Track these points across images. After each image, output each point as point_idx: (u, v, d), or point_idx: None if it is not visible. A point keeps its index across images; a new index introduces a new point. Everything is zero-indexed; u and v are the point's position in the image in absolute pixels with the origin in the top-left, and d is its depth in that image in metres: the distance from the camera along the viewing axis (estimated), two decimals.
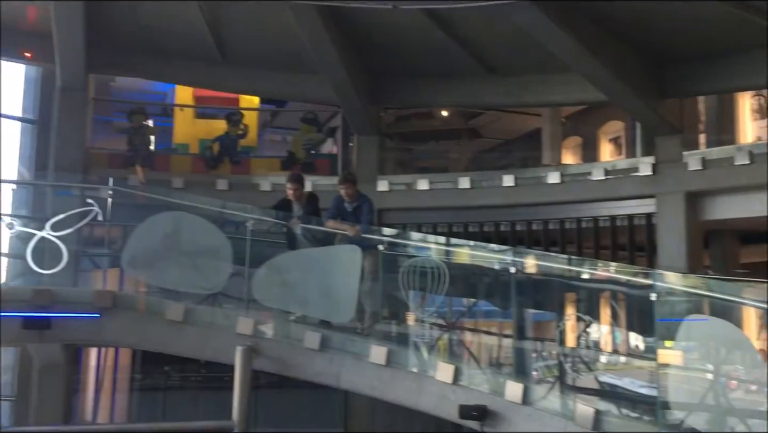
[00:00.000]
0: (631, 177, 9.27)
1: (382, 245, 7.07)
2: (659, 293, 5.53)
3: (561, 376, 6.22)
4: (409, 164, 12.67)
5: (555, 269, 6.77)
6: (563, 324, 6.38)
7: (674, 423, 5.24)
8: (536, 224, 10.11)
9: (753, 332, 10.13)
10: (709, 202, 8.90)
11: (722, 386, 5.14)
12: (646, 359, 6.04)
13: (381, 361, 6.70)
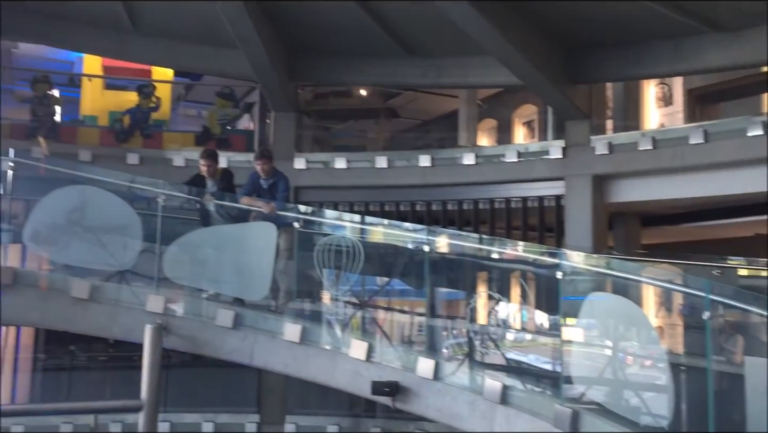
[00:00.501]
0: (542, 160, 9.55)
1: (297, 222, 7.05)
2: (565, 272, 5.75)
3: (471, 352, 6.40)
4: (326, 142, 12.65)
5: (467, 249, 6.92)
6: (474, 302, 6.55)
7: (575, 397, 5.49)
8: (451, 204, 10.28)
9: (652, 309, 10.69)
10: (614, 185, 9.27)
11: (620, 361, 5.41)
12: (551, 336, 6.28)
13: (295, 339, 6.71)
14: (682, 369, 5.43)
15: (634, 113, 10.65)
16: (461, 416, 6.09)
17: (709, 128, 8.35)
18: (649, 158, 8.77)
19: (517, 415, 5.75)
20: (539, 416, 5.60)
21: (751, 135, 7.89)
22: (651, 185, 9.07)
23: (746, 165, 8.13)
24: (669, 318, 10.89)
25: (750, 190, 8.33)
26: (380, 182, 10.26)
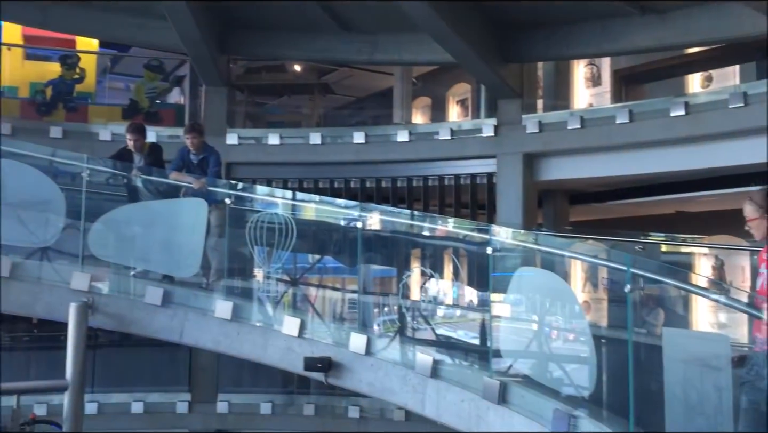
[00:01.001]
0: (474, 138, 9.65)
1: (229, 198, 6.95)
2: (494, 248, 5.85)
3: (402, 328, 6.47)
4: (259, 118, 12.46)
5: (400, 226, 6.97)
6: (406, 279, 6.61)
7: (503, 370, 5.62)
8: (385, 181, 10.31)
9: (579, 284, 11.01)
10: (544, 163, 9.45)
11: (546, 335, 5.56)
12: (481, 312, 6.39)
13: (226, 316, 6.65)
14: (606, 342, 5.62)
15: (564, 93, 10.86)
16: (393, 390, 6.17)
17: (634, 108, 8.58)
18: (577, 137, 8.97)
19: (448, 388, 5.87)
20: (469, 389, 5.73)
21: (673, 115, 8.14)
22: (579, 163, 9.29)
23: (669, 144, 8.41)
24: (595, 293, 11.25)
25: (672, 169, 8.63)
26: (314, 159, 10.19)
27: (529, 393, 5.38)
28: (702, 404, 3.94)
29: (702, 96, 8.45)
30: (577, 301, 5.77)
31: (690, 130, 8.06)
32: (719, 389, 3.85)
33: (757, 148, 7.64)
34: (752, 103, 7.50)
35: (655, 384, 4.41)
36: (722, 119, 7.76)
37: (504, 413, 5.45)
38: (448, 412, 5.83)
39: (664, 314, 6.60)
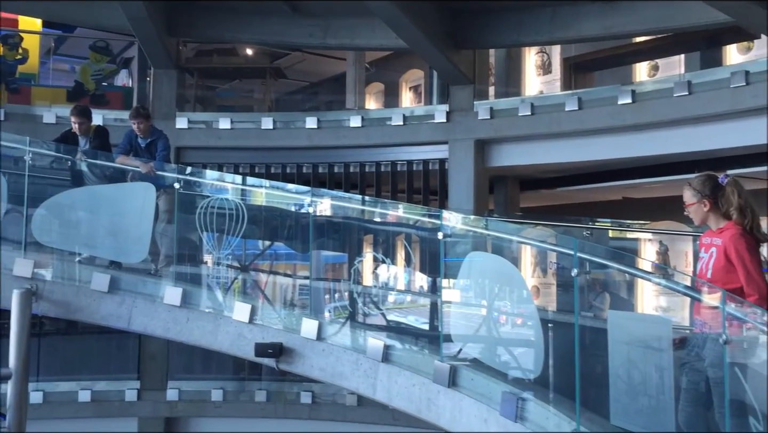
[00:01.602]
0: (427, 124, 9.68)
1: (178, 183, 6.84)
2: (445, 234, 5.89)
3: (353, 314, 6.48)
4: (210, 102, 12.27)
5: (352, 211, 6.96)
6: (358, 264, 6.61)
7: (453, 354, 5.68)
8: (338, 167, 10.28)
9: (529, 270, 11.18)
10: (495, 149, 9.54)
11: (495, 319, 5.64)
12: (432, 297, 6.45)
13: (175, 302, 6.56)
14: (554, 325, 5.72)
15: (516, 80, 10.96)
16: (344, 374, 6.17)
17: (583, 96, 8.72)
18: (528, 124, 9.07)
19: (399, 372, 5.90)
20: (420, 373, 5.77)
21: (621, 103, 8.30)
22: (530, 150, 9.40)
23: (616, 132, 8.57)
24: (544, 278, 11.45)
25: (619, 156, 8.80)
26: (266, 144, 10.10)
27: (479, 376, 5.45)
28: (645, 384, 4.05)
29: (648, 84, 8.62)
30: (525, 285, 5.86)
31: (636, 118, 8.23)
32: (661, 369, 3.97)
33: (701, 135, 7.87)
34: (696, 92, 7.69)
35: (600, 366, 4.52)
36: (667, 107, 7.94)
37: (454, 396, 5.52)
38: (399, 396, 5.87)
39: (610, 298, 6.76)
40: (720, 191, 3.88)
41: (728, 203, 3.83)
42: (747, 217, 3.82)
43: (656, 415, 3.94)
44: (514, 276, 5.65)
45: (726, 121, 7.58)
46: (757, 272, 3.64)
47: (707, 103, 7.59)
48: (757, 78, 7.16)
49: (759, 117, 7.29)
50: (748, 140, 7.50)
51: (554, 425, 4.78)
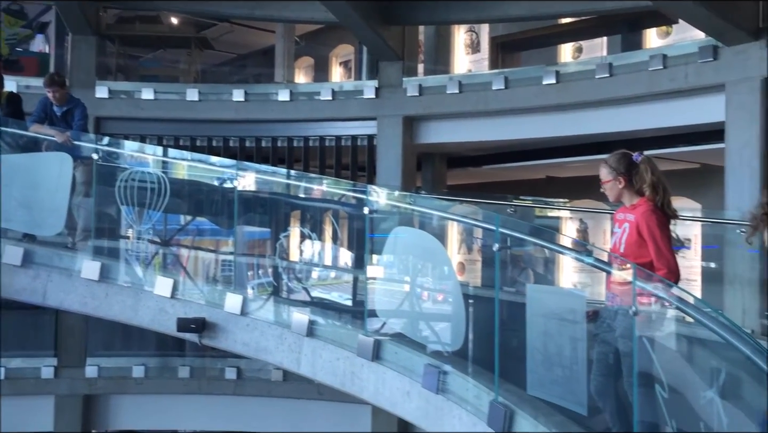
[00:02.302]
0: (356, 99, 9.64)
1: (96, 154, 6.62)
2: (371, 209, 5.91)
3: (277, 289, 6.45)
4: (132, 71, 11.87)
5: (278, 186, 6.89)
6: (282, 240, 6.57)
7: (378, 328, 5.73)
8: (265, 141, 10.14)
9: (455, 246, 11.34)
10: (423, 126, 9.59)
11: (418, 295, 5.71)
12: (357, 273, 6.47)
13: (94, 276, 6.38)
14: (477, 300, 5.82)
15: (445, 58, 11.02)
16: (269, 349, 6.15)
17: (509, 75, 8.84)
18: (456, 101, 9.14)
19: (323, 346, 5.92)
20: (344, 347, 5.80)
21: (546, 83, 8.45)
22: (457, 128, 9.49)
23: (541, 111, 8.73)
24: (469, 254, 11.65)
25: (544, 135, 8.98)
26: (191, 116, 9.86)
27: (402, 350, 5.51)
28: (559, 355, 4.18)
29: (572, 66, 8.81)
30: (449, 261, 5.95)
31: (560, 98, 8.40)
32: (575, 341, 4.10)
33: (621, 116, 8.09)
34: (617, 74, 7.90)
35: (519, 339, 4.64)
36: (590, 89, 8.13)
37: (378, 369, 5.57)
38: (324, 370, 5.90)
39: (532, 274, 6.93)
40: (634, 169, 4.01)
41: (642, 180, 3.96)
42: (659, 194, 3.97)
43: (569, 384, 4.08)
44: (438, 251, 5.71)
45: (644, 103, 7.82)
46: (667, 247, 3.80)
47: (627, 85, 7.81)
48: (674, 62, 7.40)
49: (675, 100, 7.56)
50: (665, 122, 7.77)
51: (474, 396, 4.90)
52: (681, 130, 7.98)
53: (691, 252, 9.43)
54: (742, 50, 6.79)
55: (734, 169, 6.90)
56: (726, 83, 6.95)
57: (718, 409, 3.09)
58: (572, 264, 8.55)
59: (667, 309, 3.69)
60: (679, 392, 3.50)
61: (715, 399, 3.11)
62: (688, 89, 7.33)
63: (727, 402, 3.12)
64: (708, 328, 3.28)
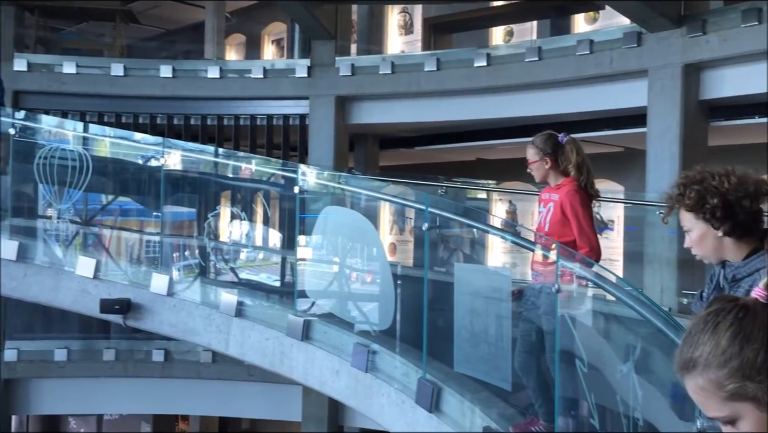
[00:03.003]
0: (288, 78, 9.51)
1: (13, 129, 6.34)
2: (301, 188, 5.86)
3: (205, 269, 6.34)
4: (53, 44, 11.40)
5: (205, 164, 6.75)
6: (211, 220, 6.45)
7: (307, 308, 5.71)
8: (194, 119, 9.91)
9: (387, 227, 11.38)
10: (356, 107, 9.55)
11: (348, 274, 5.71)
12: (287, 252, 6.42)
13: (11, 256, 6.13)
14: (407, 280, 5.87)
15: (378, 38, 10.98)
16: (196, 330, 6.05)
17: (441, 57, 8.87)
18: (388, 82, 9.13)
19: (252, 327, 5.86)
20: (273, 327, 5.76)
21: (477, 66, 8.52)
22: (390, 109, 9.49)
23: (472, 93, 8.81)
24: (401, 235, 11.72)
25: (474, 117, 9.08)
26: (116, 92, 9.55)
27: (332, 330, 5.51)
28: (485, 333, 4.26)
29: (502, 49, 8.91)
30: (379, 240, 5.95)
31: (491, 81, 8.49)
32: (500, 318, 4.18)
33: (549, 100, 8.24)
34: (545, 58, 8.03)
35: (447, 317, 4.70)
36: (519, 72, 8.24)
37: (307, 349, 5.56)
38: (253, 350, 5.85)
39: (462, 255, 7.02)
40: (560, 150, 4.09)
41: (567, 160, 4.05)
42: (583, 174, 4.06)
43: (495, 361, 4.16)
44: (368, 231, 5.71)
45: (571, 87, 7.98)
46: (589, 226, 3.90)
47: (555, 70, 7.95)
48: (600, 47, 7.57)
49: (600, 84, 7.75)
50: (590, 106, 7.96)
51: (402, 374, 4.95)
52: (606, 114, 8.19)
53: (614, 233, 9.73)
54: (665, 37, 7.00)
55: (655, 153, 7.13)
56: (649, 69, 7.16)
57: (634, 382, 3.21)
58: (502, 245, 8.72)
59: (588, 287, 3.80)
60: (598, 368, 3.62)
61: (631, 373, 3.23)
62: (613, 74, 7.52)
63: (642, 376, 3.24)
64: (627, 304, 3.39)
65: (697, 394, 1.32)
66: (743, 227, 2.37)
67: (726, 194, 2.33)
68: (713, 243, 2.43)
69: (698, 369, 1.30)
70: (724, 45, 6.68)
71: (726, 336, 1.28)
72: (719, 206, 2.35)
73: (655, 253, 6.97)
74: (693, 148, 7.00)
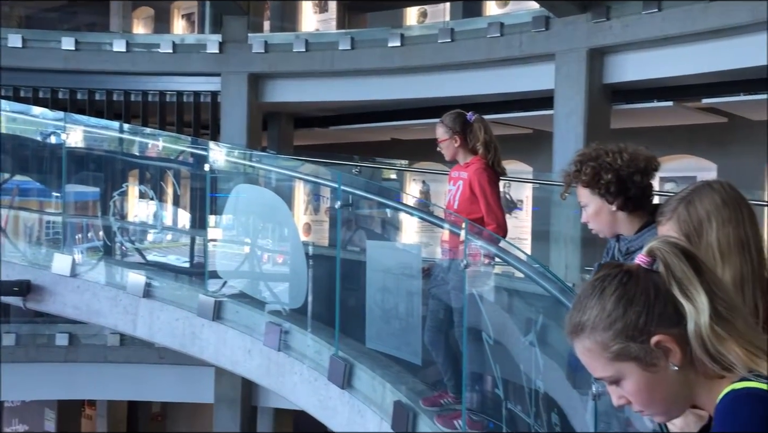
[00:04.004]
0: (198, 54, 9.27)
1: None
2: (211, 166, 5.75)
3: (111, 249, 6.15)
4: None
5: (110, 141, 6.52)
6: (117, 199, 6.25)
7: (218, 288, 5.63)
8: (99, 94, 9.54)
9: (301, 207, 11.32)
10: (269, 85, 9.41)
11: (260, 254, 5.66)
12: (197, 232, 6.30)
13: None
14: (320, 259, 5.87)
15: (292, 16, 10.84)
16: (102, 312, 5.89)
17: (356, 36, 8.84)
18: (302, 60, 9.03)
19: (161, 307, 5.75)
20: (183, 307, 5.67)
21: (391, 46, 8.55)
22: (304, 87, 9.40)
23: (386, 73, 8.83)
24: (316, 215, 11.68)
25: (389, 97, 9.11)
26: (13, 64, 9.04)
27: (244, 309, 5.47)
28: (396, 309, 4.32)
29: (416, 29, 8.97)
30: (292, 219, 5.92)
31: (405, 61, 8.53)
32: (411, 294, 4.24)
33: (462, 81, 8.36)
34: (458, 40, 8.13)
35: (359, 295, 4.74)
36: (433, 53, 8.32)
37: (218, 328, 5.50)
38: (162, 331, 5.73)
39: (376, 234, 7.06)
40: (468, 128, 4.16)
41: (475, 139, 4.12)
42: (491, 152, 4.15)
43: (405, 336, 4.23)
44: (280, 210, 5.67)
45: (483, 69, 8.12)
46: (496, 203, 4.00)
47: (467, 51, 8.06)
48: (510, 30, 7.71)
49: (510, 67, 7.92)
50: (501, 88, 8.13)
51: (315, 352, 4.96)
52: (515, 97, 8.38)
53: (523, 213, 10.02)
54: (571, 22, 7.21)
55: (561, 135, 7.36)
56: (556, 53, 7.36)
57: (536, 353, 3.33)
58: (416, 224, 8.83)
59: (494, 262, 3.91)
60: (503, 341, 3.73)
61: (534, 345, 3.35)
62: (523, 57, 7.70)
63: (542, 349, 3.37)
64: (531, 279, 3.51)
65: (585, 356, 1.39)
66: (635, 202, 2.49)
67: (619, 170, 2.45)
68: (608, 217, 2.54)
69: (586, 332, 1.37)
70: (626, 31, 6.94)
71: (611, 300, 1.34)
72: (613, 182, 2.46)
73: (561, 231, 7.22)
74: (596, 130, 7.26)
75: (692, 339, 1.30)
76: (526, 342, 3.41)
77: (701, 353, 1.30)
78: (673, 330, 1.32)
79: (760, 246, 1.75)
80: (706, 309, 1.29)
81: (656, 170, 2.52)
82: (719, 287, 1.33)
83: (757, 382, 1.24)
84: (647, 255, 1.37)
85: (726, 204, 1.77)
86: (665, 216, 1.83)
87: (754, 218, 1.78)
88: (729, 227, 1.74)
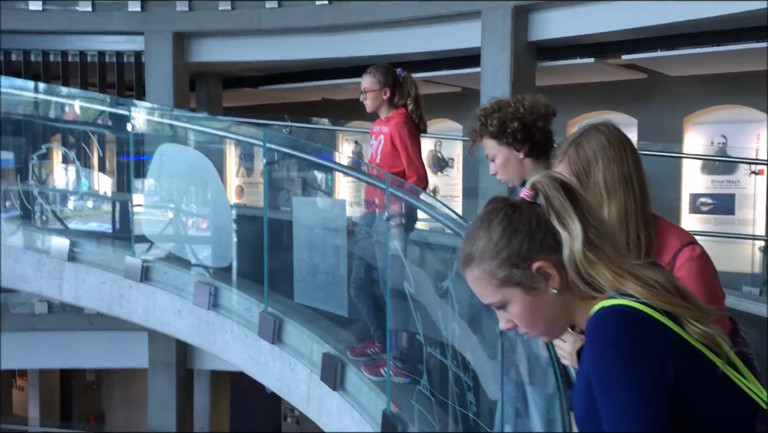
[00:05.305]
0: (120, 12, 8.96)
1: None
2: (134, 127, 5.65)
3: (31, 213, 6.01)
4: None
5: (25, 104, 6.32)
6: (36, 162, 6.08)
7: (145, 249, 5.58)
8: (15, 54, 9.18)
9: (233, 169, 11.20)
10: (195, 44, 9.20)
11: (188, 214, 5.62)
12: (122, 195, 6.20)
13: None
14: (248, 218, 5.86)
15: None
16: (26, 277, 5.78)
17: None
18: (228, 18, 8.85)
19: (88, 270, 5.68)
20: (110, 270, 5.62)
21: (319, 3, 8.45)
22: (231, 46, 9.22)
23: (315, 32, 8.74)
24: (249, 177, 11.58)
25: (318, 56, 9.03)
26: None
27: (173, 269, 5.45)
28: (324, 263, 4.38)
29: None
30: (218, 179, 5.84)
31: (333, 19, 8.45)
32: (337, 249, 4.31)
33: (391, 40, 8.35)
34: None
35: (288, 252, 4.77)
36: (362, 11, 8.25)
37: (147, 290, 5.47)
38: (89, 295, 5.67)
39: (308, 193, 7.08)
40: (398, 83, 4.20)
41: (406, 94, 4.16)
42: (419, 108, 4.21)
43: (332, 290, 4.30)
44: (206, 170, 5.61)
45: (411, 27, 8.12)
46: (417, 156, 4.07)
47: (395, 9, 8.03)
48: None
49: (438, 25, 7.95)
50: (429, 47, 8.16)
51: (245, 309, 5.00)
52: (444, 55, 8.44)
53: (454, 171, 10.17)
54: None
55: (488, 92, 7.45)
56: (482, 10, 7.43)
57: (452, 297, 3.46)
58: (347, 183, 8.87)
59: (415, 214, 3.99)
60: (422, 288, 3.84)
61: (449, 288, 3.47)
62: (449, 15, 7.73)
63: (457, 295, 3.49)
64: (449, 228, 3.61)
65: (474, 284, 1.47)
66: (539, 147, 2.59)
67: (523, 118, 2.54)
68: (516, 165, 2.64)
69: (475, 261, 1.45)
70: None
71: (497, 231, 1.43)
72: (519, 129, 2.55)
73: (488, 188, 7.37)
74: (522, 87, 7.37)
75: (567, 264, 1.40)
76: (443, 285, 3.53)
77: (575, 277, 1.40)
78: (552, 256, 1.41)
79: (642, 182, 1.87)
80: (579, 236, 1.39)
81: (554, 116, 2.63)
82: (593, 216, 1.43)
83: (621, 299, 1.35)
84: (530, 189, 1.46)
85: (611, 144, 1.88)
86: (557, 158, 1.93)
87: (637, 157, 1.90)
88: (614, 164, 1.85)
